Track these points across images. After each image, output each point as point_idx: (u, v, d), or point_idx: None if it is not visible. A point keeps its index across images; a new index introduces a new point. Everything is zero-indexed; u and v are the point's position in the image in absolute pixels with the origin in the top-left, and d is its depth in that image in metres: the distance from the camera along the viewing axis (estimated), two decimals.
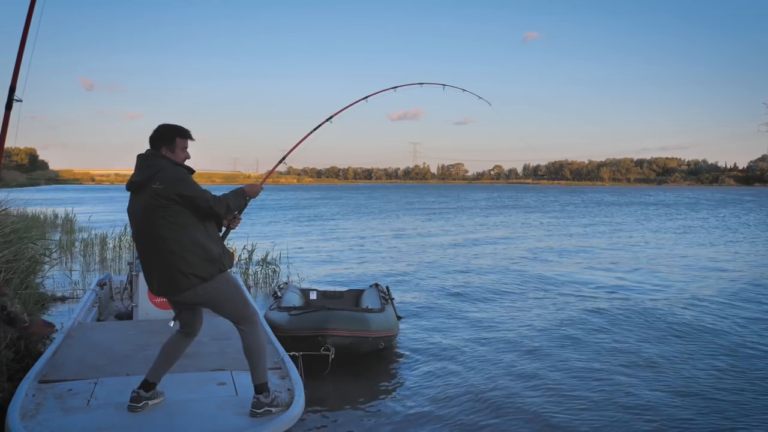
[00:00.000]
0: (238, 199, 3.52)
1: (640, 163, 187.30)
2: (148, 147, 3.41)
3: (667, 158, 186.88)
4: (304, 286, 9.07)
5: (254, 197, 3.65)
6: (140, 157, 3.38)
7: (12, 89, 3.31)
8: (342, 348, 5.68)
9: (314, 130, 4.90)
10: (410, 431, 4.51)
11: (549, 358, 6.34)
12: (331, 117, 4.98)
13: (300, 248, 16.97)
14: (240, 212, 3.73)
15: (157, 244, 3.26)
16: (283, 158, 4.73)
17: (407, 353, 6.54)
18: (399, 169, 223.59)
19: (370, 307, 6.85)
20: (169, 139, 3.38)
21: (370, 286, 8.18)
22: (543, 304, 9.35)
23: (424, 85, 5.91)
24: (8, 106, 3.34)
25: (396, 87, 5.60)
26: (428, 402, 5.07)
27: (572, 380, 5.62)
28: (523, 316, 8.47)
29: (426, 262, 14.47)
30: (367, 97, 5.30)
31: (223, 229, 3.68)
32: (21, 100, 3.35)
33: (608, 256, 15.42)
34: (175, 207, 3.24)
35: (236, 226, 3.72)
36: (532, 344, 6.93)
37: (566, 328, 7.69)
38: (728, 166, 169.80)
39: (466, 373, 5.85)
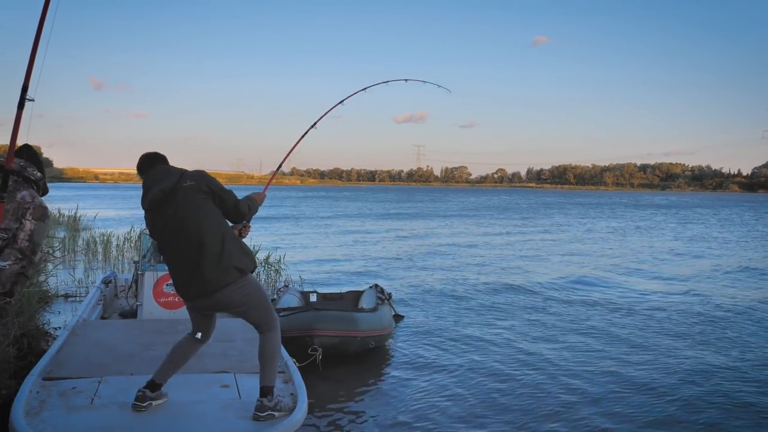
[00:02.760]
0: (254, 203, 3.62)
1: (643, 168, 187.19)
2: (152, 147, 3.53)
3: (670, 163, 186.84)
4: (305, 288, 9.07)
5: (261, 205, 3.79)
6: (154, 171, 3.40)
7: (24, 89, 3.31)
8: (329, 348, 5.68)
9: (301, 138, 5.23)
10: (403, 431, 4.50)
11: (544, 360, 6.33)
12: (314, 123, 5.31)
13: (301, 249, 16.97)
14: (249, 220, 3.82)
15: (201, 242, 3.27)
16: (279, 167, 5.07)
17: (402, 353, 6.54)
18: (402, 171, 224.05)
19: (365, 307, 6.86)
20: (165, 159, 3.54)
21: (370, 286, 8.18)
22: (540, 305, 9.34)
23: (389, 82, 6.41)
24: (20, 105, 3.34)
25: (366, 88, 6.03)
26: (420, 403, 5.06)
27: (568, 381, 5.61)
28: (520, 317, 8.47)
29: (429, 263, 14.47)
30: (342, 101, 5.72)
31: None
32: (33, 100, 3.36)
33: (609, 258, 15.40)
34: (209, 203, 3.34)
35: (246, 233, 3.80)
36: (527, 345, 6.93)
37: (562, 329, 7.68)
38: (732, 173, 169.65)
39: (461, 373, 5.86)
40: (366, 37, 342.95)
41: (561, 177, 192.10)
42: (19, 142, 3.32)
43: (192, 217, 3.29)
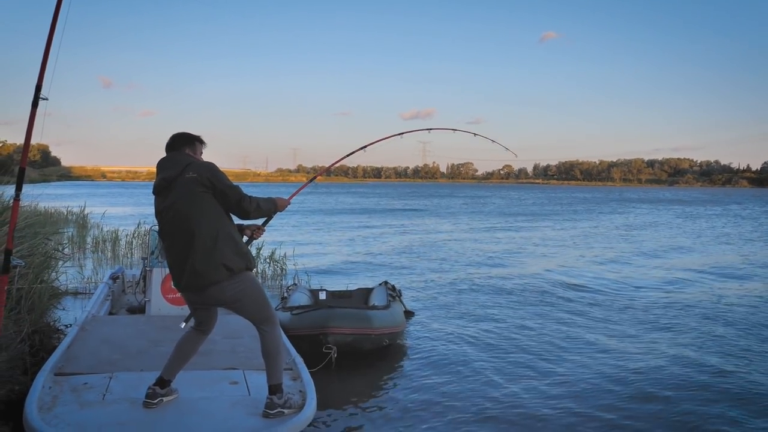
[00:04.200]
0: (269, 204, 3.59)
1: (651, 163, 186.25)
2: (159, 144, 3.53)
3: (678, 159, 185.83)
4: (314, 286, 9.09)
5: (281, 211, 3.75)
6: (165, 158, 3.47)
7: (38, 87, 3.34)
8: (344, 346, 5.67)
9: (348, 155, 5.30)
10: (416, 429, 4.51)
11: (557, 358, 6.31)
12: (365, 146, 5.31)
13: (310, 246, 17.01)
14: (265, 224, 3.85)
15: (193, 233, 3.30)
16: (312, 179, 5.03)
17: (415, 350, 6.54)
18: (408, 167, 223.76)
19: (376, 304, 6.85)
20: (190, 141, 3.55)
21: (380, 284, 8.17)
22: (553, 302, 9.32)
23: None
24: (34, 104, 3.37)
25: (430, 129, 6.02)
26: (434, 400, 5.06)
27: (583, 380, 5.59)
28: (533, 314, 8.46)
29: (437, 259, 14.47)
30: (402, 133, 5.66)
31: (245, 238, 3.75)
32: (47, 99, 3.39)
33: (624, 254, 15.37)
34: (209, 197, 3.34)
35: (259, 236, 3.80)
36: (541, 342, 6.92)
37: (577, 327, 7.67)
38: (741, 168, 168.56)
39: (473, 370, 5.85)
40: (372, 35, 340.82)
41: (568, 173, 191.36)
42: (32, 141, 3.36)
43: (186, 210, 3.32)
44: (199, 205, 3.32)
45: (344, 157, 5.23)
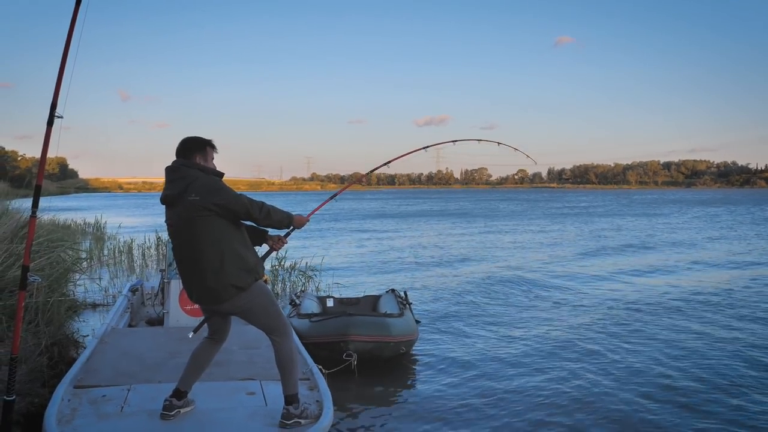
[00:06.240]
0: (280, 215, 3.52)
1: (667, 165, 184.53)
2: (172, 155, 3.44)
3: (695, 160, 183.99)
4: (320, 293, 9.10)
5: (298, 228, 3.71)
6: (169, 169, 3.40)
7: (53, 106, 3.38)
8: (364, 353, 5.70)
9: (371, 171, 5.40)
10: None
11: (571, 363, 6.25)
12: (388, 162, 5.33)
13: (317, 252, 17.02)
14: (287, 235, 3.81)
15: (197, 256, 3.30)
16: (334, 195, 4.93)
17: (428, 358, 6.54)
18: (422, 174, 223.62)
19: (388, 312, 6.87)
20: (201, 148, 3.46)
21: (386, 291, 8.18)
22: (565, 309, 9.22)
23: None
24: (49, 122, 3.41)
25: (455, 141, 5.88)
26: (450, 407, 5.04)
27: (596, 385, 5.53)
28: (544, 320, 8.39)
29: (443, 266, 14.41)
30: (426, 147, 5.55)
31: (266, 248, 3.74)
32: (62, 117, 3.42)
33: (636, 261, 15.19)
34: (213, 218, 3.27)
35: (279, 247, 3.74)
36: (553, 348, 6.86)
37: (589, 333, 7.57)
38: (759, 168, 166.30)
39: (487, 377, 5.83)
40: (386, 40, 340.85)
41: (583, 177, 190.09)
42: (49, 156, 3.40)
43: (189, 234, 3.29)
44: (201, 229, 3.27)
45: (369, 173, 5.31)
